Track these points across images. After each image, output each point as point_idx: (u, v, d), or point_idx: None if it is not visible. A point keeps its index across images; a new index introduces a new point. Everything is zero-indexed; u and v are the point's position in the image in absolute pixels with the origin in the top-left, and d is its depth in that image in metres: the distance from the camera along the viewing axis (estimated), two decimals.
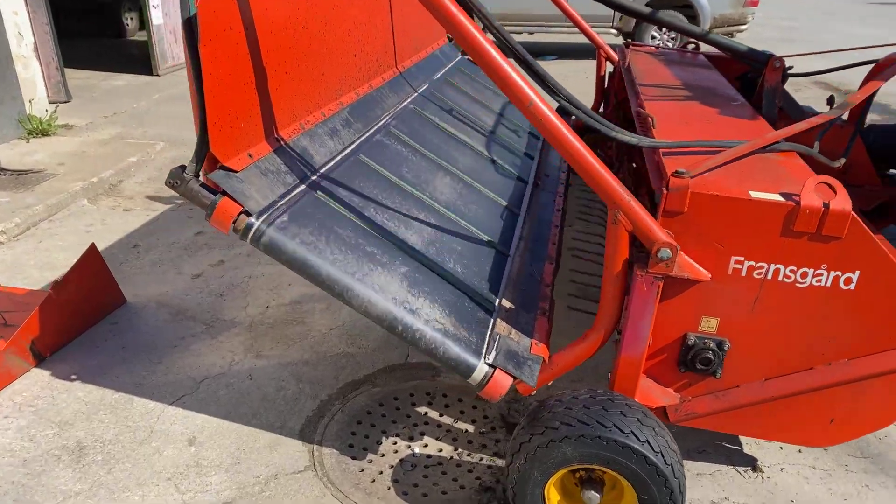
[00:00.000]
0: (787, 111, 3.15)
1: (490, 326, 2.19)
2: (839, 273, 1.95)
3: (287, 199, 2.12)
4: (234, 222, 1.94)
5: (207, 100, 1.85)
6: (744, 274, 2.00)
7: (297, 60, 2.40)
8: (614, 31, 10.74)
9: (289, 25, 2.31)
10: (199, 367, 2.94)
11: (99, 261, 3.15)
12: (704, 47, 4.01)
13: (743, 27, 10.54)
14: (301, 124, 2.47)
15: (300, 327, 3.26)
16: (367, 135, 2.85)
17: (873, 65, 3.44)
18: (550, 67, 10.31)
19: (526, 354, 2.12)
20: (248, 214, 1.95)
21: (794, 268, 1.97)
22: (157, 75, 8.82)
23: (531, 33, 11.27)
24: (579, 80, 9.48)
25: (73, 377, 2.84)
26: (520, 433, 1.99)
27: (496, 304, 2.33)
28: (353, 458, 2.47)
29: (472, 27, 1.78)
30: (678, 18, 3.55)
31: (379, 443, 2.54)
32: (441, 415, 2.70)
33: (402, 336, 2.01)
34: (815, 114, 3.25)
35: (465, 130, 3.60)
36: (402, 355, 3.06)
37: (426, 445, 2.54)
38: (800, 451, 2.48)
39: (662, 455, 1.85)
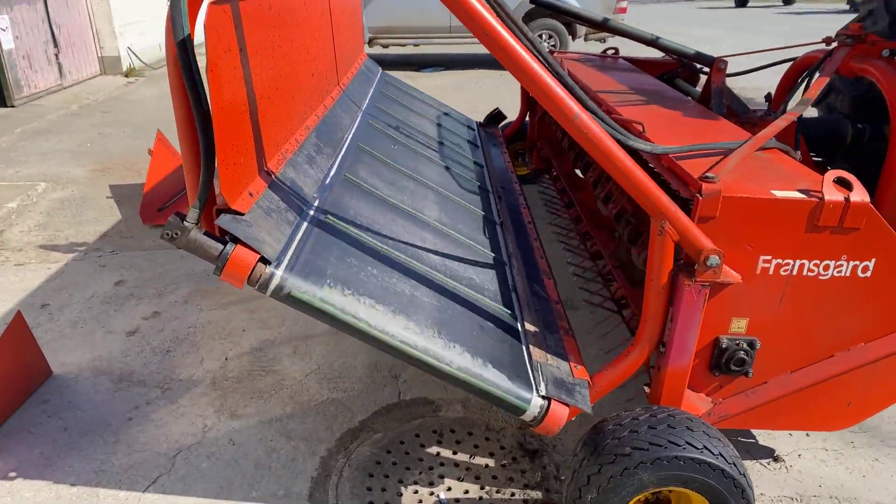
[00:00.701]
0: (734, 109, 3.30)
1: (526, 355, 2.06)
2: (857, 262, 2.02)
3: (297, 240, 1.88)
4: (250, 274, 1.67)
5: (217, 134, 1.57)
6: (771, 272, 2.03)
7: (275, 84, 2.15)
8: None
9: (267, 46, 2.06)
10: (168, 439, 2.55)
11: (26, 331, 2.66)
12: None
13: None
14: (282, 153, 2.22)
15: (271, 377, 2.94)
16: (339, 161, 2.63)
17: (791, 63, 3.72)
18: (438, 79, 10.35)
19: (571, 380, 2.01)
20: (266, 263, 1.69)
21: (818, 261, 2.02)
22: (13, 106, 7.81)
23: (416, 45, 11.26)
24: (470, 90, 9.58)
25: (13, 474, 2.36)
26: (584, 465, 1.88)
27: (520, 329, 2.21)
28: None
29: (511, 39, 1.66)
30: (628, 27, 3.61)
31: (400, 494, 2.32)
32: (455, 452, 2.53)
33: (447, 378, 1.84)
34: (752, 111, 3.44)
35: (420, 150, 3.45)
36: (395, 393, 2.84)
37: (450, 489, 2.36)
38: (807, 435, 2.57)
39: (736, 466, 1.82)
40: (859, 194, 1.94)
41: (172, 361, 3.04)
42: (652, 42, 3.44)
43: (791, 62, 3.67)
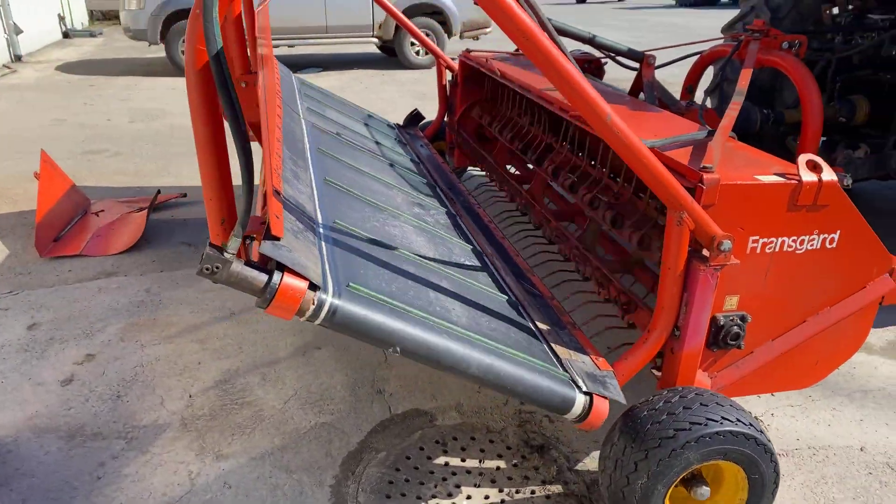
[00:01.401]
0: (664, 100, 3.53)
1: (552, 354, 2.09)
2: (826, 235, 2.25)
3: (326, 261, 1.77)
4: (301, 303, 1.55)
5: (265, 151, 1.44)
6: (758, 251, 2.20)
7: (265, 94, 1.99)
8: (375, 39, 10.90)
9: (266, 50, 1.91)
10: (153, 494, 2.29)
11: None
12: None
13: (487, 29, 11.51)
14: (275, 170, 2.06)
15: (248, 409, 2.73)
16: (313, 173, 2.50)
17: (698, 56, 4.04)
18: (319, 80, 10.09)
19: (600, 373, 2.07)
20: (314, 288, 1.58)
21: (795, 237, 2.22)
22: None
23: (291, 46, 10.89)
24: (356, 90, 9.45)
25: None
26: (628, 453, 1.93)
27: (534, 328, 2.23)
28: None
29: (550, 43, 1.66)
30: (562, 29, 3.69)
31: None
32: (464, 460, 2.50)
33: (498, 387, 1.82)
34: (678, 101, 3.70)
35: (367, 158, 3.36)
36: (384, 409, 2.75)
37: (469, 497, 2.33)
38: (773, 395, 2.83)
39: (763, 433, 1.96)
40: (829, 174, 2.16)
41: (127, 407, 2.73)
42: (590, 40, 3.58)
43: (698, 55, 3.99)
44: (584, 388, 1.92)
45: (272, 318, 3.38)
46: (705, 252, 2.04)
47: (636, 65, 3.65)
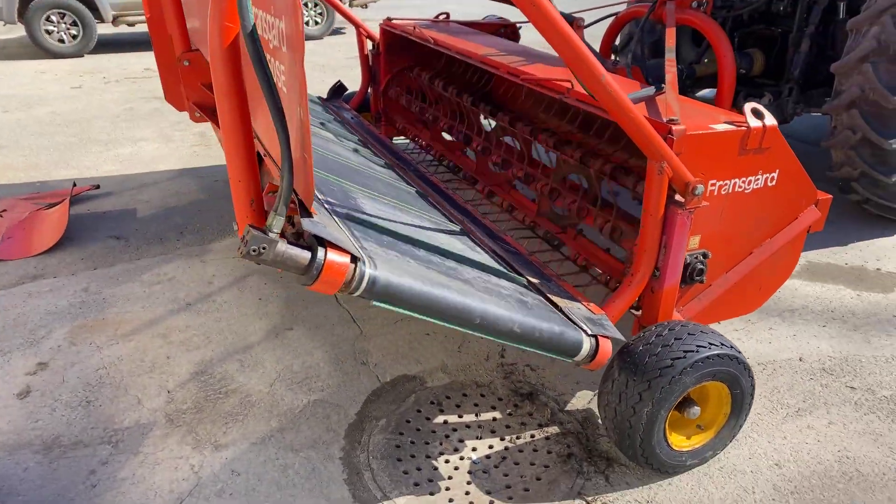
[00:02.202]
0: None
1: (550, 304, 2.22)
2: (768, 174, 2.53)
3: (352, 232, 1.78)
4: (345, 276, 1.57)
5: (292, 124, 1.44)
6: (716, 193, 2.44)
7: None
8: None
9: None
10: (159, 493, 2.22)
11: None
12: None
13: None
14: (307, 142, 2.03)
15: (234, 397, 2.68)
16: None
17: (614, 17, 4.27)
18: None
19: (595, 316, 2.23)
20: (355, 261, 1.60)
21: (744, 178, 2.48)
22: None
23: None
24: None
25: None
26: (631, 385, 2.12)
27: (526, 282, 2.35)
28: (431, 493, 2.25)
29: (552, 8, 1.75)
30: None
31: (435, 468, 2.36)
32: (461, 416, 2.61)
33: (521, 339, 1.93)
34: (606, 60, 3.91)
35: (325, 135, 3.31)
36: (373, 379, 2.80)
37: (475, 449, 2.45)
38: (718, 323, 3.15)
39: (740, 353, 2.21)
40: (770, 119, 2.42)
41: (102, 411, 2.59)
42: None
43: (614, 16, 4.22)
44: (589, 331, 2.07)
45: (233, 305, 3.29)
46: (678, 198, 2.24)
47: None
